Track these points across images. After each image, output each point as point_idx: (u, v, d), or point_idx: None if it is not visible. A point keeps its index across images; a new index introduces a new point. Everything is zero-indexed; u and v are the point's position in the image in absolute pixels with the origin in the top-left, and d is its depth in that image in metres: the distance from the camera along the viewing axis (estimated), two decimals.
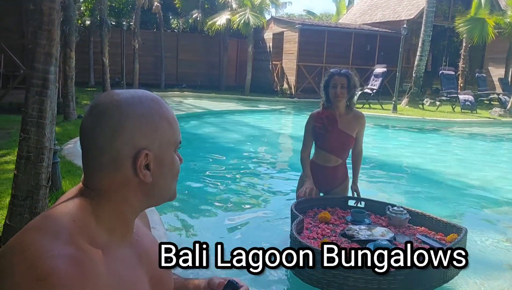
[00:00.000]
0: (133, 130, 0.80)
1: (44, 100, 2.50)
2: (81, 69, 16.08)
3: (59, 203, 0.83)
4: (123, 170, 0.81)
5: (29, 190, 2.54)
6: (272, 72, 19.62)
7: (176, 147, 0.88)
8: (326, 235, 2.66)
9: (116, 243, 0.83)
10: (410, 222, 2.87)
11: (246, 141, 9.18)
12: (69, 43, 7.55)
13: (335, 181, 3.30)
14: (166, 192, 0.89)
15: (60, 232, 0.73)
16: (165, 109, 0.87)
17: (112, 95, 0.84)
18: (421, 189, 5.81)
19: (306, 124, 3.25)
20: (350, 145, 3.23)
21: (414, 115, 12.87)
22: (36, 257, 0.67)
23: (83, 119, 0.84)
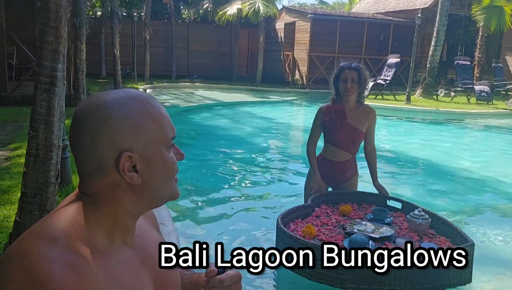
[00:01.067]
0: (111, 134, 0.78)
1: (52, 97, 2.48)
2: (92, 61, 16.13)
3: (58, 208, 0.83)
4: (110, 175, 0.79)
5: (38, 187, 2.53)
6: (283, 63, 19.47)
7: (168, 144, 0.84)
8: (326, 223, 2.85)
9: (117, 247, 0.82)
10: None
11: (257, 133, 9.13)
12: (79, 36, 7.54)
13: (344, 176, 3.26)
14: (162, 192, 0.86)
15: (57, 237, 0.73)
16: (149, 107, 0.83)
17: (92, 99, 0.83)
18: (434, 182, 5.72)
19: (315, 118, 3.21)
20: (359, 140, 3.17)
21: (428, 106, 12.67)
22: (33, 263, 0.67)
23: (70, 126, 0.83)
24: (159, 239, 1.01)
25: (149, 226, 1.01)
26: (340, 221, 2.89)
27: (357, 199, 3.24)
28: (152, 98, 0.87)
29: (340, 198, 3.22)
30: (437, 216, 2.84)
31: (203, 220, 4.05)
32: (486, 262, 3.29)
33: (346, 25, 17.56)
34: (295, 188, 5.11)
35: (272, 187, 5.30)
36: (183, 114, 10.89)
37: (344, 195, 3.24)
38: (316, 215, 2.99)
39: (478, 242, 3.74)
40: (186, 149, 7.43)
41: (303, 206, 3.07)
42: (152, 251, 0.93)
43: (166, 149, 0.84)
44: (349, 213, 2.98)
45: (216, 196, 4.79)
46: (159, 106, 0.86)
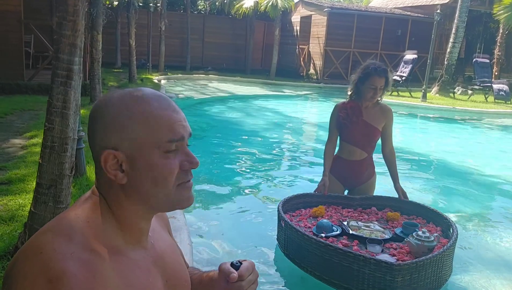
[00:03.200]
0: (101, 132, 0.80)
1: (68, 90, 2.50)
2: (108, 50, 16.23)
3: (75, 205, 0.84)
4: (103, 173, 0.81)
5: (53, 179, 2.56)
6: (298, 56, 19.35)
7: (162, 147, 0.80)
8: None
9: (130, 246, 0.83)
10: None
11: (270, 127, 9.10)
12: (96, 26, 7.58)
13: (361, 177, 3.20)
14: (153, 198, 0.82)
15: (73, 234, 0.74)
16: (145, 107, 0.80)
17: (100, 99, 0.86)
18: (448, 182, 5.64)
19: (331, 116, 3.15)
20: (375, 138, 3.11)
21: (444, 104, 12.49)
22: (48, 260, 0.68)
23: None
24: (171, 242, 1.03)
25: (161, 227, 1.02)
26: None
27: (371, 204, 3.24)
28: (161, 98, 0.83)
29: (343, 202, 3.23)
30: (426, 206, 3.04)
31: (215, 214, 4.06)
32: (496, 263, 3.27)
33: (363, 20, 17.35)
34: (308, 182, 5.09)
35: (284, 181, 5.28)
36: (196, 106, 10.91)
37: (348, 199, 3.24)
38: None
39: (493, 243, 3.70)
40: (199, 141, 7.45)
41: (305, 195, 3.22)
42: (164, 252, 0.93)
43: (161, 153, 0.80)
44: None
45: (228, 189, 4.79)
46: (161, 107, 0.82)
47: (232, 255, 3.14)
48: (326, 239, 2.59)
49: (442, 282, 2.48)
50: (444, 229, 2.82)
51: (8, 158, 4.61)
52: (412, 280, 2.23)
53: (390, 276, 2.18)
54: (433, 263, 2.31)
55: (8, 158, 4.61)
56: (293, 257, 2.71)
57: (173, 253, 0.99)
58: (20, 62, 9.04)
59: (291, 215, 3.03)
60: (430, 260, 2.27)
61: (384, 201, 3.23)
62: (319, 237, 2.60)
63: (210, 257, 3.07)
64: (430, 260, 2.28)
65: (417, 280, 2.25)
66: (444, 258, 2.39)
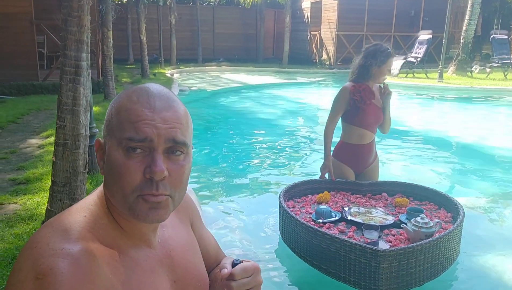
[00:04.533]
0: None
1: (77, 87, 2.49)
2: (119, 47, 16.32)
3: (83, 199, 0.83)
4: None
5: (67, 176, 2.57)
6: (310, 43, 19.13)
7: (123, 145, 0.74)
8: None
9: (131, 244, 0.80)
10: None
11: (285, 115, 9.04)
12: (106, 23, 7.59)
13: (370, 159, 3.18)
14: (113, 197, 0.77)
15: (69, 229, 0.72)
16: (124, 101, 0.78)
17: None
18: (468, 164, 5.51)
19: (338, 98, 3.07)
20: (382, 118, 3.12)
21: (462, 84, 12.19)
22: (40, 255, 0.68)
23: None
24: (188, 239, 0.97)
25: (178, 221, 0.97)
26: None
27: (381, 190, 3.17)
28: (144, 92, 0.78)
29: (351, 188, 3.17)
30: (437, 191, 2.93)
31: (231, 205, 4.03)
32: None
33: (374, 2, 17.00)
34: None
35: (302, 169, 5.22)
36: (210, 98, 10.90)
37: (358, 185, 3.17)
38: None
39: None
40: (213, 133, 7.45)
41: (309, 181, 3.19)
42: (174, 251, 0.89)
43: (123, 150, 0.75)
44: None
45: (244, 179, 4.76)
46: (136, 101, 0.77)
47: (245, 247, 3.11)
48: (323, 225, 2.57)
49: (441, 269, 2.35)
50: (455, 215, 2.72)
51: (25, 158, 4.67)
52: (400, 267, 2.13)
53: (375, 262, 2.11)
54: (425, 250, 2.19)
55: (25, 158, 4.67)
56: (288, 243, 2.69)
57: (187, 252, 0.94)
58: (34, 63, 9.14)
59: (295, 201, 3.00)
60: (421, 247, 2.16)
61: (395, 186, 3.14)
62: (317, 223, 2.58)
63: (226, 249, 3.05)
64: (422, 247, 2.17)
65: (406, 267, 2.15)
66: (440, 245, 2.26)
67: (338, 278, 2.29)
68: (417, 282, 2.22)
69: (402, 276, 2.16)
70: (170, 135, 0.75)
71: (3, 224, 3.04)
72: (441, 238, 2.24)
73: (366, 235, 2.45)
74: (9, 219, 3.13)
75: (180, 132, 0.77)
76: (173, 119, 0.77)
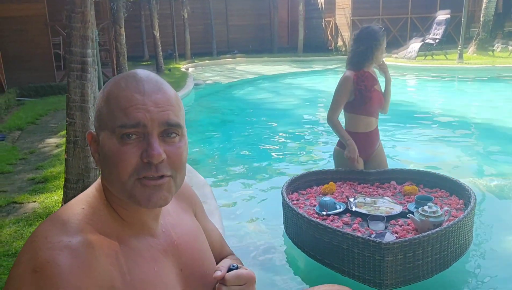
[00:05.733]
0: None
1: (84, 84, 2.49)
2: (134, 44, 16.43)
3: (83, 192, 0.83)
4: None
5: (79, 173, 2.59)
6: (325, 30, 18.86)
7: (117, 132, 0.73)
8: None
9: (132, 234, 0.79)
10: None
11: (301, 105, 8.94)
12: (117, 20, 7.63)
13: (375, 144, 3.12)
14: (112, 187, 0.77)
15: (67, 222, 0.72)
16: (112, 88, 0.77)
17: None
18: (492, 147, 5.33)
19: (341, 87, 2.96)
20: (383, 101, 3.08)
21: (483, 63, 11.83)
22: (38, 248, 0.68)
23: None
24: (193, 227, 0.96)
25: (181, 210, 0.96)
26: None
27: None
28: (131, 77, 0.77)
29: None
30: (448, 178, 2.80)
31: (248, 198, 4.00)
32: None
33: None
34: None
35: (320, 159, 5.11)
36: (225, 90, 10.88)
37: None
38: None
39: None
40: (230, 125, 7.42)
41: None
42: (179, 239, 0.88)
43: (117, 138, 0.74)
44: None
45: (262, 171, 4.71)
46: (124, 87, 0.75)
47: (260, 241, 3.06)
48: (327, 218, 2.46)
49: (451, 260, 2.22)
50: (467, 201, 2.56)
51: (44, 158, 4.74)
52: (406, 259, 2.03)
53: (379, 256, 2.00)
54: (433, 240, 2.07)
55: (44, 158, 4.74)
56: (291, 237, 2.60)
57: (193, 240, 0.93)
58: (51, 64, 9.27)
59: (300, 194, 2.90)
60: (428, 237, 2.04)
61: (404, 174, 3.00)
62: (320, 215, 2.48)
63: (242, 242, 3.02)
64: (429, 237, 2.04)
65: (413, 259, 2.04)
66: (449, 234, 2.13)
67: (342, 272, 2.19)
68: (425, 274, 2.10)
69: (409, 269, 2.04)
70: (163, 118, 0.75)
71: (23, 222, 3.09)
72: (449, 228, 2.11)
73: (371, 226, 2.34)
74: (28, 217, 3.17)
75: (173, 114, 0.77)
76: (164, 101, 0.76)
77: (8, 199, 3.51)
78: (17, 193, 3.67)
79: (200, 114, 8.51)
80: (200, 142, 6.11)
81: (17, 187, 3.86)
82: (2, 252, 2.67)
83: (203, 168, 4.64)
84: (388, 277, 2.02)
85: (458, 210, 2.50)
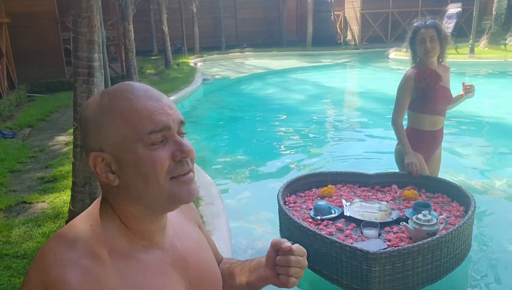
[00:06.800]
0: (83, 136, 0.79)
1: (91, 88, 2.51)
2: (144, 38, 16.47)
3: (88, 209, 0.83)
4: (98, 177, 0.79)
5: (86, 177, 2.61)
6: (334, 23, 18.73)
7: (144, 140, 0.75)
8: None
9: (140, 248, 0.80)
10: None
11: (310, 100, 8.88)
12: (126, 17, 7.64)
13: (439, 145, 3.03)
14: (146, 195, 0.77)
15: (76, 240, 0.73)
16: (117, 102, 0.76)
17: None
18: (503, 147, 5.25)
19: (402, 87, 2.86)
20: (451, 97, 2.96)
21: (495, 58, 11.66)
22: (47, 267, 0.69)
23: None
24: (198, 238, 0.98)
25: (185, 221, 0.98)
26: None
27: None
28: (136, 88, 0.78)
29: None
30: (451, 183, 2.73)
31: (256, 197, 4.00)
32: None
33: None
34: (355, 159, 4.91)
35: (330, 157, 5.07)
36: (234, 86, 10.87)
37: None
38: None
39: None
40: (238, 121, 7.42)
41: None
42: (187, 251, 0.89)
43: (145, 146, 0.75)
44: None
45: (269, 173, 4.68)
46: (136, 97, 0.76)
47: (268, 242, 3.07)
48: (321, 222, 2.42)
49: (445, 270, 2.14)
50: (467, 209, 2.46)
51: (53, 156, 4.79)
52: (394, 269, 1.96)
53: (366, 265, 1.95)
54: (424, 251, 2.00)
55: (53, 156, 4.79)
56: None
57: (199, 251, 0.94)
58: (61, 60, 9.33)
59: (298, 196, 2.84)
60: (418, 248, 1.97)
61: (406, 177, 2.90)
62: (314, 220, 2.44)
63: (248, 242, 3.04)
64: (419, 248, 1.97)
65: (402, 269, 1.98)
66: (442, 245, 2.05)
67: (331, 280, 2.15)
68: (415, 285, 2.04)
69: (398, 279, 2.00)
70: (178, 117, 0.80)
71: (32, 223, 3.13)
72: (442, 238, 2.04)
73: (365, 232, 2.29)
74: (37, 218, 3.22)
75: (180, 113, 0.82)
76: (172, 103, 0.81)
77: (17, 199, 3.56)
78: (26, 193, 3.72)
79: (208, 110, 8.52)
80: (208, 139, 6.12)
81: (27, 186, 3.91)
82: (12, 253, 2.71)
83: (210, 167, 4.66)
84: (376, 287, 1.99)
85: (457, 217, 2.42)
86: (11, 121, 6.47)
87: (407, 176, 2.90)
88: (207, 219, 3.01)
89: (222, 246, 2.60)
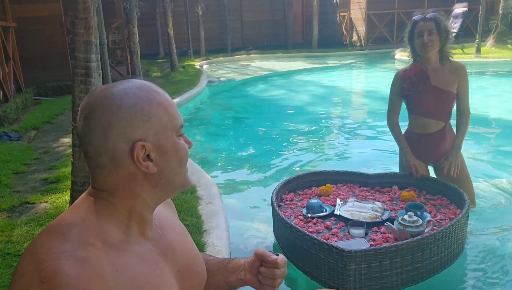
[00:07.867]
0: (122, 125, 0.78)
1: (89, 88, 2.54)
2: (150, 42, 16.57)
3: (72, 206, 0.85)
4: (124, 167, 0.79)
5: (85, 176, 2.64)
6: (339, 25, 18.70)
7: (177, 131, 0.85)
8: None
9: (133, 240, 0.82)
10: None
11: (316, 102, 8.86)
12: (131, 19, 7.71)
13: (442, 149, 2.85)
14: (176, 180, 0.87)
15: (69, 233, 0.74)
16: (156, 95, 0.83)
17: (98, 93, 0.82)
18: (510, 144, 5.19)
19: (391, 86, 2.84)
20: (450, 103, 2.76)
21: (502, 57, 11.56)
22: (43, 260, 0.69)
23: (77, 122, 0.83)
24: (182, 230, 1.02)
25: (170, 214, 1.02)
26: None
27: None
28: (157, 86, 0.87)
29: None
30: (450, 186, 2.68)
31: (257, 197, 3.99)
32: None
33: None
34: (360, 159, 4.88)
35: (336, 158, 5.04)
36: (239, 88, 10.88)
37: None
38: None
39: None
40: (243, 123, 7.44)
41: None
42: (174, 241, 0.93)
43: (177, 137, 0.85)
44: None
45: (271, 174, 4.64)
46: (164, 93, 0.86)
47: (266, 241, 3.08)
48: (311, 220, 2.47)
49: (429, 273, 2.13)
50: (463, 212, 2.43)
51: (57, 157, 4.84)
52: (371, 269, 1.98)
53: (342, 263, 1.98)
54: (402, 251, 1.99)
55: (57, 157, 4.84)
56: (277, 238, 2.61)
57: (184, 242, 0.98)
58: (67, 63, 9.42)
59: (297, 194, 2.88)
60: (395, 248, 1.97)
61: (407, 178, 2.88)
62: (305, 218, 2.49)
63: (246, 242, 3.04)
64: (396, 248, 1.97)
65: (379, 269, 1.99)
66: (423, 246, 2.05)
67: (312, 277, 2.18)
68: (394, 285, 2.04)
69: (375, 279, 2.00)
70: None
71: (34, 223, 3.17)
72: (423, 239, 2.04)
73: (351, 232, 2.31)
74: (39, 217, 3.25)
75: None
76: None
77: (21, 200, 3.60)
78: (30, 193, 3.76)
79: (213, 112, 8.55)
80: (211, 140, 6.15)
81: (30, 187, 3.95)
82: (14, 252, 2.74)
83: (212, 168, 4.67)
84: (352, 285, 2.01)
85: (451, 220, 2.37)
86: (17, 124, 6.55)
87: (408, 177, 2.87)
88: (206, 217, 3.03)
89: (220, 244, 2.61)
